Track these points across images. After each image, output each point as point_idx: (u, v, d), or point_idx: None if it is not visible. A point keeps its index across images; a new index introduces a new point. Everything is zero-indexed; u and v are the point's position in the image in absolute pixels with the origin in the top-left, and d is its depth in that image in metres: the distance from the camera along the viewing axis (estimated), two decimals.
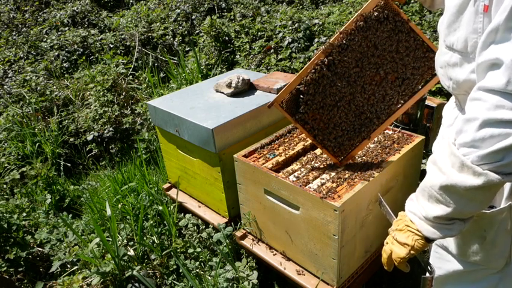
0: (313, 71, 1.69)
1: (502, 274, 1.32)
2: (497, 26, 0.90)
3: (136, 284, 2.26)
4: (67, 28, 6.27)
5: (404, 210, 1.26)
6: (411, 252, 1.16)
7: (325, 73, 1.70)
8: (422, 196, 1.12)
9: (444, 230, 1.09)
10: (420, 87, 1.79)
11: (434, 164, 1.06)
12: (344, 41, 1.67)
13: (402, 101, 1.79)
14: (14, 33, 6.33)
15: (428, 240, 1.14)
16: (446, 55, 1.17)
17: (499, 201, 1.23)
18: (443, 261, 1.43)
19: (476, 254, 1.31)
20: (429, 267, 1.21)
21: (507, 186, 1.21)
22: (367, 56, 1.70)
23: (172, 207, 2.63)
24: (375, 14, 1.65)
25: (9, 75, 5.20)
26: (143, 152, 3.79)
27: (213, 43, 4.74)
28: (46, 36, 6.06)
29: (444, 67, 1.21)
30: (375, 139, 2.08)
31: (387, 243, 1.26)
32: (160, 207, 2.59)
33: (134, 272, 2.23)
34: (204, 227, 2.52)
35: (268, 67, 4.17)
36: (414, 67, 1.75)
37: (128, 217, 2.67)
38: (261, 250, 2.10)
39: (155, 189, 2.93)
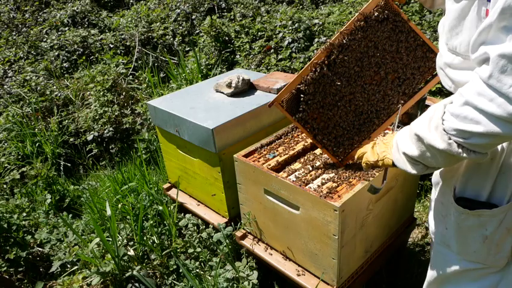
0: (313, 70, 1.69)
1: (503, 273, 1.32)
2: (489, 25, 0.93)
3: (136, 284, 2.26)
4: (67, 28, 6.27)
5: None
6: (378, 163, 1.36)
7: (325, 73, 1.70)
8: (407, 131, 1.23)
9: (407, 165, 1.23)
10: (420, 87, 1.79)
11: (428, 112, 1.15)
12: (345, 41, 1.67)
13: (402, 101, 1.79)
14: (14, 33, 6.33)
15: (394, 165, 1.30)
16: (448, 57, 1.17)
17: (500, 199, 1.23)
18: (444, 260, 1.43)
19: (477, 252, 1.31)
20: (383, 179, 1.41)
21: (509, 185, 1.21)
22: (367, 56, 1.70)
23: (172, 207, 2.63)
24: (376, 14, 1.65)
25: (9, 75, 5.20)
26: (143, 152, 3.79)
27: (213, 43, 4.74)
28: (46, 36, 6.06)
29: (446, 68, 1.21)
30: (375, 139, 2.07)
31: (373, 143, 1.43)
32: (160, 207, 2.59)
33: (134, 272, 2.23)
34: (204, 227, 2.52)
35: (268, 67, 4.17)
36: (415, 67, 1.76)
37: (128, 217, 2.67)
38: (261, 250, 2.10)
39: (155, 189, 2.93)
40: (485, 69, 0.94)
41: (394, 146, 1.28)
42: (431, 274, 1.51)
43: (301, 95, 1.72)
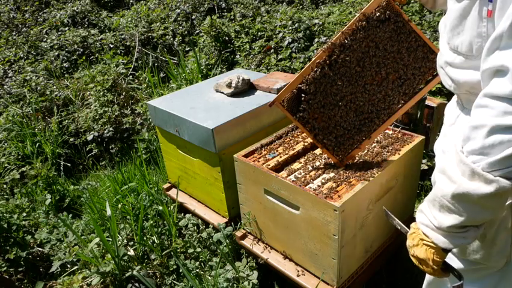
0: (315, 70, 1.69)
1: (503, 273, 1.32)
2: (501, 33, 0.89)
3: (136, 284, 2.26)
4: (67, 28, 6.27)
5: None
6: (433, 266, 1.15)
7: (326, 72, 1.70)
8: (433, 206, 1.10)
9: (459, 238, 1.07)
10: (421, 87, 1.79)
11: (443, 173, 1.04)
12: (346, 41, 1.67)
13: (402, 101, 1.80)
14: (14, 33, 6.33)
15: (445, 251, 1.13)
16: (450, 56, 1.17)
17: None
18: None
19: (476, 252, 1.31)
20: (456, 273, 1.18)
21: None
22: (368, 56, 1.70)
23: (172, 207, 2.63)
24: (377, 14, 1.65)
25: (9, 75, 5.20)
26: (143, 152, 3.79)
27: (213, 43, 4.74)
28: (46, 36, 6.05)
29: (446, 67, 1.22)
30: (376, 139, 2.07)
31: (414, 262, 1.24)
32: (160, 207, 2.59)
33: (134, 272, 2.23)
34: (204, 227, 2.52)
35: (268, 67, 4.17)
36: (415, 67, 1.76)
37: (128, 217, 2.67)
38: (261, 250, 2.10)
39: (155, 189, 2.93)
40: (504, 85, 0.88)
41: (429, 234, 1.12)
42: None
43: (302, 95, 1.72)
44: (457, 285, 1.14)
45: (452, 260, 1.39)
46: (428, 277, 1.54)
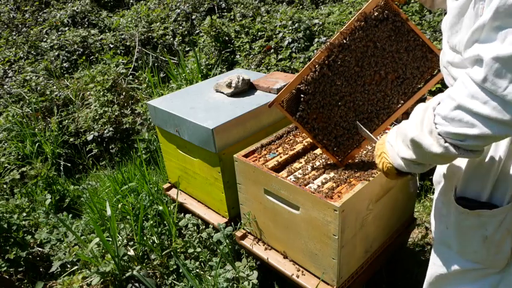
0: (314, 70, 1.70)
1: (503, 274, 1.32)
2: (482, 25, 0.93)
3: (136, 284, 2.26)
4: (67, 28, 6.27)
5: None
6: (386, 174, 1.36)
7: (325, 72, 1.70)
8: (399, 136, 1.24)
9: (408, 166, 1.24)
10: (420, 86, 1.79)
11: (417, 114, 1.16)
12: (345, 41, 1.67)
13: (402, 101, 1.80)
14: (14, 33, 6.33)
15: (398, 170, 1.30)
16: (450, 55, 1.18)
17: (501, 200, 1.23)
18: (444, 260, 1.43)
19: (477, 253, 1.31)
20: (408, 174, 1.34)
21: (510, 185, 1.21)
22: (367, 56, 1.70)
23: (172, 207, 2.63)
24: (376, 14, 1.65)
25: (9, 75, 5.20)
26: (143, 152, 3.79)
27: (213, 43, 4.74)
28: (46, 36, 6.05)
29: (448, 66, 1.22)
30: (376, 139, 2.07)
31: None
32: (160, 207, 2.59)
33: (134, 272, 2.23)
34: (204, 227, 2.52)
35: (268, 67, 4.17)
36: (414, 67, 1.76)
37: (128, 217, 2.67)
38: (261, 250, 2.10)
39: (155, 189, 2.93)
40: (479, 72, 0.94)
41: (390, 152, 1.30)
42: (430, 274, 1.51)
43: (302, 95, 1.72)
44: (410, 180, 1.36)
45: (453, 260, 1.39)
46: (428, 277, 1.54)
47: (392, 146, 1.28)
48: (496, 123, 0.95)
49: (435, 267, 1.48)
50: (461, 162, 1.30)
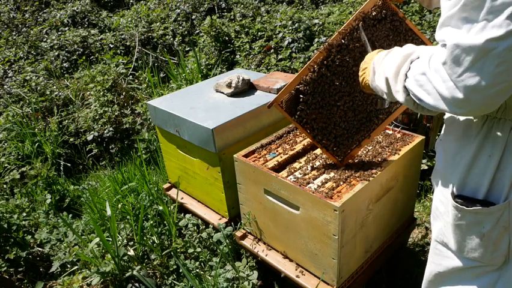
0: (312, 70, 1.70)
1: (501, 271, 1.32)
2: (452, 14, 0.98)
3: (136, 284, 2.26)
4: (67, 28, 6.27)
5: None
6: (362, 86, 1.46)
7: (324, 73, 1.70)
8: (381, 66, 1.32)
9: (382, 94, 1.34)
10: None
11: (400, 57, 1.22)
12: (343, 41, 1.67)
13: None
14: (14, 33, 6.33)
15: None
16: None
17: (497, 198, 1.24)
18: (442, 258, 1.43)
19: (474, 250, 1.31)
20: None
21: (506, 183, 1.21)
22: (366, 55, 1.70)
23: (172, 207, 2.63)
24: (374, 13, 1.65)
25: (9, 75, 5.20)
26: (143, 152, 3.80)
27: (213, 43, 4.74)
28: (46, 36, 6.06)
29: None
30: (375, 139, 2.07)
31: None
32: (160, 207, 2.59)
33: (134, 272, 2.23)
34: (204, 227, 2.52)
35: (268, 67, 4.17)
36: None
37: (128, 217, 2.67)
38: (261, 250, 2.10)
39: (155, 189, 2.93)
40: (443, 54, 1.01)
41: (371, 72, 1.39)
42: (429, 272, 1.51)
43: (301, 96, 1.72)
44: (379, 97, 1.44)
45: (451, 258, 1.39)
46: (427, 275, 1.54)
47: (374, 69, 1.37)
48: (447, 101, 1.03)
49: (433, 265, 1.48)
50: (459, 161, 1.31)
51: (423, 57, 1.13)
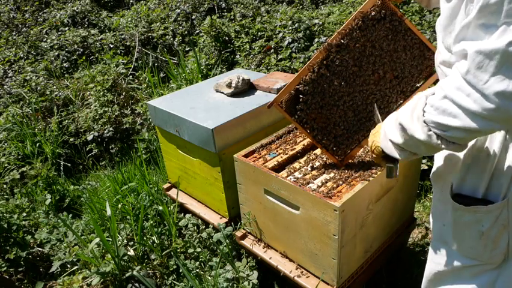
0: (312, 70, 1.70)
1: (500, 270, 1.32)
2: (468, 23, 0.97)
3: (136, 284, 2.26)
4: (67, 28, 6.27)
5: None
6: (373, 155, 1.40)
7: (324, 73, 1.70)
8: (393, 119, 1.27)
9: (394, 151, 1.27)
10: (418, 85, 1.79)
11: (412, 101, 1.18)
12: (342, 41, 1.67)
13: (400, 100, 1.80)
14: (14, 33, 6.33)
15: (384, 152, 1.33)
16: (446, 55, 1.19)
17: (496, 196, 1.24)
18: (442, 257, 1.43)
19: (473, 249, 1.31)
20: (392, 159, 1.37)
21: (505, 181, 1.21)
22: (365, 55, 1.71)
23: (172, 207, 2.63)
24: (373, 13, 1.65)
25: (9, 75, 5.20)
26: (143, 152, 3.79)
27: (213, 43, 4.74)
28: (46, 36, 6.06)
29: (443, 66, 1.23)
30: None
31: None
32: (160, 207, 2.59)
33: (134, 272, 2.23)
34: (204, 227, 2.52)
35: (268, 67, 4.17)
36: (412, 65, 1.76)
37: (128, 217, 2.67)
38: (261, 250, 2.10)
39: (155, 189, 2.93)
40: (464, 65, 0.97)
41: (382, 134, 1.32)
42: (429, 270, 1.51)
43: (300, 96, 1.72)
44: (388, 166, 1.39)
45: (450, 256, 1.40)
46: (426, 274, 1.54)
47: (386, 127, 1.31)
48: (478, 117, 0.97)
49: (433, 264, 1.48)
50: (458, 160, 1.31)
51: (438, 88, 1.07)
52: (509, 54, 0.89)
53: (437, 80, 1.69)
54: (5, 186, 3.60)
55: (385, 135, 1.30)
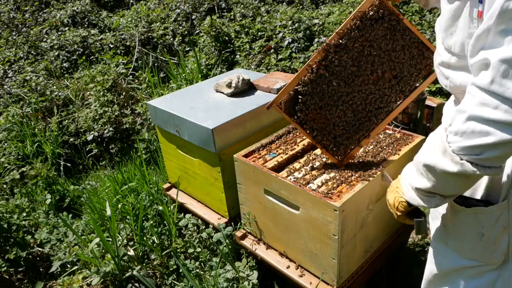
0: (310, 71, 1.70)
1: (500, 271, 1.32)
2: (487, 30, 0.92)
3: (136, 284, 2.26)
4: (67, 28, 6.27)
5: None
6: (397, 212, 1.33)
7: (322, 73, 1.70)
8: (413, 166, 1.23)
9: (423, 200, 1.20)
10: (417, 84, 1.79)
11: (428, 142, 1.16)
12: (341, 41, 1.67)
13: (400, 99, 1.80)
14: (14, 33, 6.33)
15: (410, 205, 1.27)
16: (445, 56, 1.18)
17: (496, 197, 1.24)
18: (442, 257, 1.43)
19: (474, 250, 1.31)
20: (419, 216, 1.33)
21: (505, 182, 1.21)
22: (364, 55, 1.71)
23: (172, 207, 2.63)
24: (371, 13, 1.65)
25: (9, 75, 5.20)
26: (143, 152, 3.80)
27: (213, 43, 4.74)
28: (46, 36, 6.06)
29: (442, 67, 1.22)
30: (375, 139, 2.08)
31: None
32: (160, 207, 2.59)
33: (134, 272, 2.23)
34: (204, 227, 2.52)
35: (268, 67, 4.17)
36: (411, 65, 1.76)
37: (128, 217, 2.67)
38: (261, 250, 2.10)
39: (155, 189, 2.93)
40: (486, 76, 0.92)
41: (403, 186, 1.26)
42: (429, 271, 1.51)
43: (299, 96, 1.72)
44: (417, 220, 1.31)
45: (451, 257, 1.40)
46: (426, 274, 1.54)
47: (406, 178, 1.25)
48: (510, 126, 0.92)
49: (432, 264, 1.48)
50: None
51: (455, 113, 1.02)
52: None
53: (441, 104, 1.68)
54: (5, 186, 3.60)
55: (408, 186, 1.23)
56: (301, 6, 5.58)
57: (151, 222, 2.55)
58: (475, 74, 0.98)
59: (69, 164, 4.07)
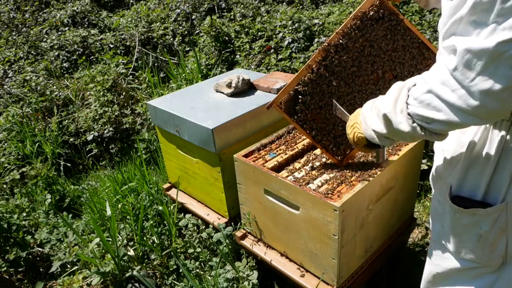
0: (310, 71, 1.70)
1: (499, 273, 1.32)
2: (460, 18, 0.96)
3: (136, 284, 2.26)
4: (67, 28, 6.27)
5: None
6: (357, 146, 1.45)
7: (322, 73, 1.70)
8: (373, 110, 1.31)
9: (380, 139, 1.32)
10: None
11: (393, 92, 1.21)
12: (341, 41, 1.67)
13: None
14: (14, 33, 6.33)
15: (368, 140, 1.39)
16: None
17: (495, 199, 1.24)
18: (441, 258, 1.43)
19: (471, 252, 1.31)
20: (377, 146, 1.43)
21: (504, 184, 1.21)
22: (364, 55, 1.71)
23: (172, 207, 2.63)
24: (371, 13, 1.65)
25: (9, 75, 5.20)
26: (143, 152, 3.80)
27: (213, 43, 4.74)
28: (46, 36, 6.06)
29: None
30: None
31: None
32: (160, 207, 2.59)
33: (134, 272, 2.23)
34: (204, 227, 2.52)
35: (268, 67, 4.17)
36: (412, 65, 1.76)
37: (128, 217, 2.67)
38: (261, 250, 2.10)
39: (155, 189, 2.93)
40: (452, 61, 0.98)
41: (363, 123, 1.37)
42: (428, 272, 1.51)
43: (299, 96, 1.72)
44: (377, 150, 1.46)
45: (449, 259, 1.40)
46: (425, 276, 1.54)
47: (365, 117, 1.35)
48: (461, 111, 1.00)
49: (432, 265, 1.48)
50: (457, 161, 1.31)
51: (421, 80, 1.10)
52: (496, 54, 0.90)
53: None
54: (5, 186, 3.60)
55: (367, 125, 1.34)
56: (301, 6, 5.58)
57: (151, 222, 2.55)
58: (447, 54, 1.04)
59: (69, 164, 4.07)
